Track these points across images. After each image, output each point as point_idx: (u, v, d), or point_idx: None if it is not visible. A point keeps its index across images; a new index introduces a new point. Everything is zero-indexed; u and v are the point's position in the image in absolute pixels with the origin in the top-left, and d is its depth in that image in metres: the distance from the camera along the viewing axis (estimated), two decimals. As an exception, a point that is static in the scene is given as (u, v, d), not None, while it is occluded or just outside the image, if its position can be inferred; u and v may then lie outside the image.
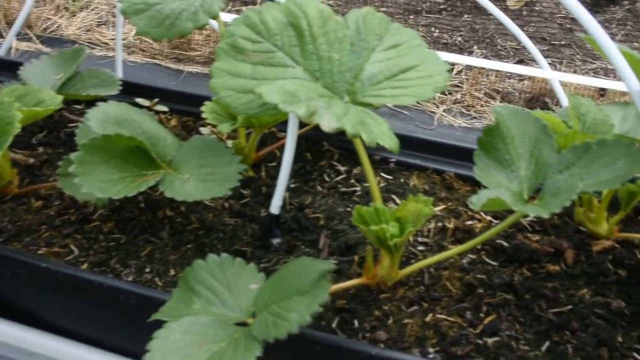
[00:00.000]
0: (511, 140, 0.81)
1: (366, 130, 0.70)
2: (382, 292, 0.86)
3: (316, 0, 0.84)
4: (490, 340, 0.79)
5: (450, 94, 3.81)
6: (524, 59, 4.75)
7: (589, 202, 0.95)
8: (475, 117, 2.86)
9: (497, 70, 3.91)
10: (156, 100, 1.22)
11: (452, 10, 5.23)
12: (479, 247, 0.94)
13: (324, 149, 1.14)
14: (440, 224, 0.98)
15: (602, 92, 3.72)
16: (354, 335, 0.81)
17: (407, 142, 1.11)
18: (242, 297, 0.79)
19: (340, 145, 1.13)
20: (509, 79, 3.70)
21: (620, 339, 0.80)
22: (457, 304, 0.85)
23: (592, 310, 0.84)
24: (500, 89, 3.72)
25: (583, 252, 0.93)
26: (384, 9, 5.12)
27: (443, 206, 1.02)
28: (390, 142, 0.72)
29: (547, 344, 0.80)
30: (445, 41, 4.59)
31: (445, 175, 1.07)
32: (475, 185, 1.01)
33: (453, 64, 3.96)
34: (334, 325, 0.82)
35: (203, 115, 1.02)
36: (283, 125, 1.04)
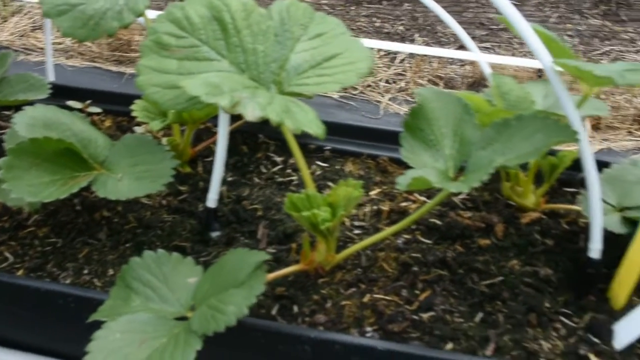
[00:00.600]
0: (435, 120, 0.84)
1: (291, 117, 0.71)
2: (320, 277, 0.88)
3: (238, -7, 0.85)
4: (425, 316, 0.82)
5: (394, 82, 3.86)
6: (464, 44, 4.83)
7: (515, 176, 0.98)
8: (419, 104, 2.90)
9: (440, 57, 3.96)
10: (89, 102, 1.21)
11: None
12: (413, 227, 0.96)
13: (259, 141, 1.15)
14: (375, 207, 1.00)
15: (539, 73, 3.83)
16: (294, 320, 0.82)
17: (341, 130, 1.13)
18: (181, 291, 0.80)
19: (276, 136, 1.14)
20: (451, 64, 3.76)
21: (547, 305, 0.84)
22: (393, 283, 0.87)
23: (521, 279, 0.87)
24: (443, 75, 3.78)
25: (512, 225, 0.96)
26: (325, 1, 5.15)
27: (378, 190, 1.05)
28: (315, 129, 0.73)
29: (480, 314, 0.83)
30: (387, 30, 4.64)
31: (380, 160, 1.10)
32: (409, 167, 1.04)
33: (396, 53, 4.01)
34: (273, 312, 0.83)
35: (133, 114, 1.02)
36: (217, 120, 1.04)
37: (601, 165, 0.97)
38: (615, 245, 0.85)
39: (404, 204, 1.01)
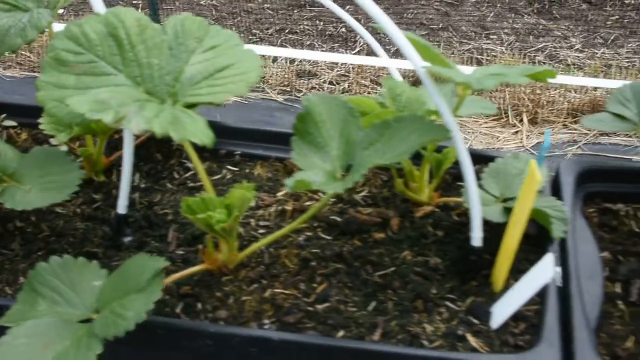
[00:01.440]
0: (322, 123, 0.90)
1: (177, 129, 0.76)
2: (224, 275, 0.93)
3: (133, 10, 0.89)
4: (320, 307, 0.88)
5: (338, 84, 3.94)
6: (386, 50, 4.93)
7: (410, 173, 1.05)
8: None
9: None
10: (3, 115, 1.23)
11: (335, 1, 5.37)
12: (315, 224, 1.02)
13: (173, 149, 1.20)
14: (280, 208, 1.06)
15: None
16: (197, 316, 0.87)
17: (250, 135, 1.19)
18: (86, 294, 0.84)
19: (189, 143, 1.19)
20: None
21: (434, 291, 0.90)
22: (293, 278, 0.93)
23: (412, 269, 0.94)
24: (385, 75, 3.86)
25: (407, 219, 1.03)
26: (268, 5, 5.20)
27: (285, 191, 1.10)
28: (202, 138, 0.78)
29: (373, 303, 0.89)
30: (330, 32, 4.71)
31: (287, 162, 1.16)
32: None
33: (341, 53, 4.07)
34: (178, 310, 0.88)
35: (41, 127, 1.06)
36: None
37: (488, 159, 1.06)
38: (499, 233, 0.93)
39: (308, 203, 1.07)
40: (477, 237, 0.90)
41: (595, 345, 0.81)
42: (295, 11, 4.88)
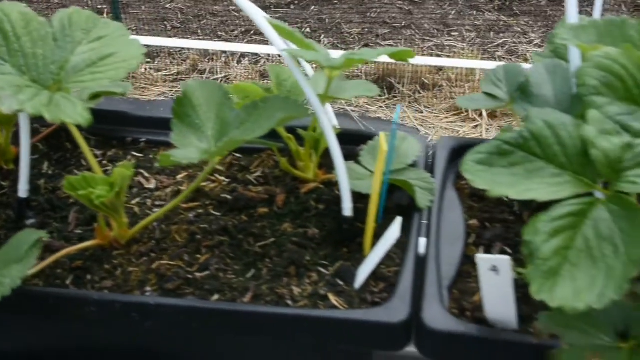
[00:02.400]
0: (200, 107, 0.98)
1: (49, 110, 0.83)
2: (115, 250, 1.00)
3: (19, 4, 0.96)
4: (200, 274, 0.95)
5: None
6: (369, 43, 5.02)
7: (297, 153, 1.13)
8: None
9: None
10: None
11: (299, 3, 5.44)
12: (207, 202, 1.10)
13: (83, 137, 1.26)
14: (176, 189, 1.13)
15: (439, 68, 4.06)
16: (84, 287, 0.94)
17: (154, 123, 1.26)
18: (-22, 268, 0.91)
19: (97, 132, 1.26)
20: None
21: (308, 258, 0.98)
22: (179, 250, 1.00)
23: (290, 239, 1.02)
24: (347, 73, 3.93)
25: (293, 195, 1.11)
26: (234, 7, 5.26)
27: (185, 174, 1.17)
28: (78, 119, 0.86)
29: (252, 271, 0.97)
30: (294, 33, 4.78)
31: (188, 147, 1.23)
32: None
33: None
34: (68, 282, 0.95)
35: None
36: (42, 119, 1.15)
37: (367, 137, 1.14)
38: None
39: (204, 184, 1.14)
40: (347, 208, 0.98)
41: (445, 299, 0.89)
42: None
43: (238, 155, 1.21)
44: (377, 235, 0.99)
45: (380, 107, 3.80)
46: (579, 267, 0.65)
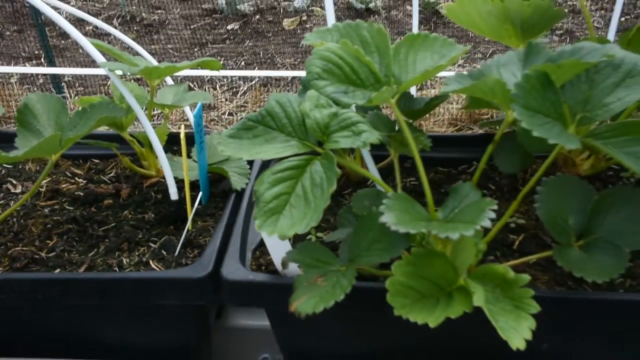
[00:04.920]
0: (40, 115, 1.17)
1: None
2: (-22, 242, 1.18)
3: None
4: (47, 255, 1.14)
5: (237, 114, 4.21)
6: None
7: (141, 153, 1.33)
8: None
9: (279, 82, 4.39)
10: None
11: (234, 38, 5.68)
12: (63, 199, 1.29)
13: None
14: (39, 190, 1.31)
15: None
16: (-54, 271, 1.11)
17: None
18: None
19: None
20: (277, 89, 4.22)
21: (141, 236, 1.17)
22: (32, 238, 1.18)
23: (129, 223, 1.21)
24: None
25: (138, 189, 1.30)
26: (171, 45, 5.47)
27: (49, 179, 1.36)
28: None
29: (94, 250, 1.15)
30: (231, 67, 5.00)
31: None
32: (75, 159, 1.37)
33: (239, 87, 4.35)
34: None
35: None
36: None
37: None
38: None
39: (63, 185, 1.33)
40: (172, 193, 1.18)
41: (247, 259, 1.09)
42: (196, 49, 5.17)
43: (96, 160, 1.40)
44: (201, 214, 1.19)
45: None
46: (297, 208, 0.85)
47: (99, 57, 1.12)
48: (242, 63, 5.28)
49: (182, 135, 1.09)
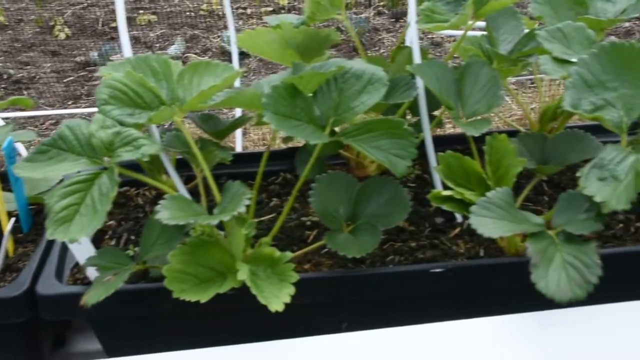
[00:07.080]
0: None
1: None
2: None
3: None
4: None
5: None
6: None
7: None
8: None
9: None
10: None
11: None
12: None
13: None
14: None
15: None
16: None
17: None
18: None
19: None
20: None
21: None
22: None
23: None
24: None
25: None
26: (43, 100, 5.40)
27: None
28: None
29: None
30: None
31: None
32: None
33: None
34: None
35: None
36: None
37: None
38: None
39: None
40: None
41: (65, 276, 1.17)
42: (70, 102, 5.14)
43: None
44: (22, 241, 1.27)
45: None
46: (85, 216, 0.96)
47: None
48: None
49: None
